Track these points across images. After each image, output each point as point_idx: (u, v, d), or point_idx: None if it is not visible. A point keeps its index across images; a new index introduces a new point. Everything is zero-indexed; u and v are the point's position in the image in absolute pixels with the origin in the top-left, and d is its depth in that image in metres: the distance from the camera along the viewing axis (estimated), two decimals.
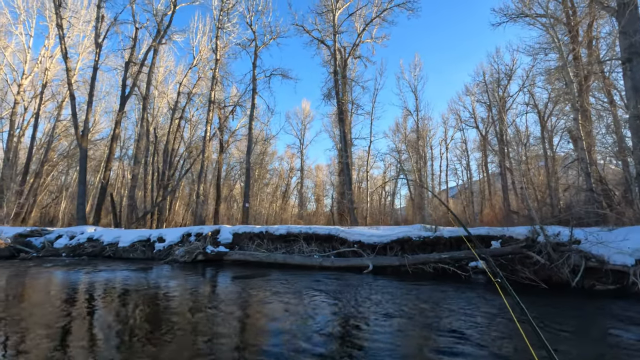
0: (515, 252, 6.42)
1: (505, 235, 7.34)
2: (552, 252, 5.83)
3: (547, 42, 16.05)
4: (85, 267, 8.86)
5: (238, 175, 30.85)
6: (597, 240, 5.62)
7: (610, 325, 3.60)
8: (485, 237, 7.61)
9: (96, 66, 15.60)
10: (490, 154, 27.33)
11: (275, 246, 10.22)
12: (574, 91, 9.49)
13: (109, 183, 16.09)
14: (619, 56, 9.10)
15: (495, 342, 3.08)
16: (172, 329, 3.49)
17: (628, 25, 7.89)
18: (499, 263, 6.67)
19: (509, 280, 6.28)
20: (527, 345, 1.67)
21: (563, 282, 5.70)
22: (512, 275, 6.28)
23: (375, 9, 17.53)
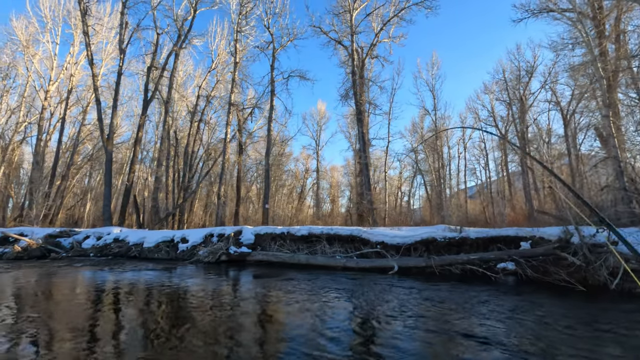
0: (548, 253, 6.25)
1: (536, 236, 7.14)
2: (589, 253, 5.65)
3: (571, 38, 15.61)
4: (113, 267, 9.09)
5: (254, 177, 31.18)
6: (637, 241, 5.41)
7: None
8: (515, 238, 7.44)
9: (120, 71, 16.05)
10: (511, 153, 26.75)
11: (297, 247, 10.25)
12: (603, 87, 9.18)
13: (133, 185, 16.49)
14: None
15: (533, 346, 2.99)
16: (197, 328, 3.53)
17: None
18: (530, 264, 6.51)
19: (542, 282, 6.12)
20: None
21: (600, 284, 5.51)
22: (545, 277, 6.11)
23: (392, 8, 17.41)
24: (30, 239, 12.41)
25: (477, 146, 31.05)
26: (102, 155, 25.15)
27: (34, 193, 19.24)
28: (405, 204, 34.15)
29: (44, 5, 20.98)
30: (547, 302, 4.74)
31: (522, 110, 23.17)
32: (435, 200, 26.91)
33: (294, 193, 34.53)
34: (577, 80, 20.29)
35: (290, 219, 27.74)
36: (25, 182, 27.06)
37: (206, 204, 26.46)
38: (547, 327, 3.54)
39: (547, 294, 5.33)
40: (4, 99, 22.08)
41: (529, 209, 20.92)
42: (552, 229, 7.11)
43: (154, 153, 26.95)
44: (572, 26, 15.81)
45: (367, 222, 15.47)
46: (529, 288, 5.79)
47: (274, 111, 17.34)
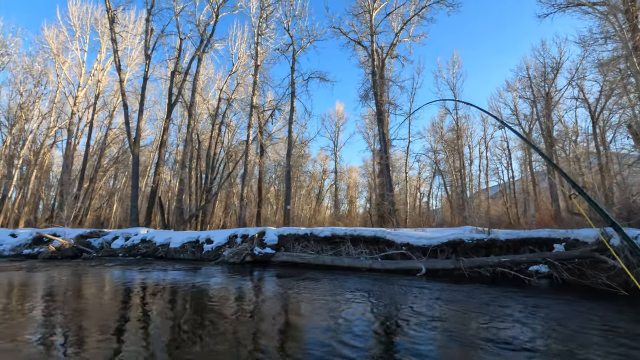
0: (585, 255, 6.04)
1: (570, 238, 6.91)
2: (630, 256, 5.42)
3: (602, 32, 15.03)
4: (143, 267, 9.33)
5: (272, 178, 31.43)
6: None
7: None
8: (547, 240, 7.21)
9: (146, 76, 16.52)
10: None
11: (320, 248, 10.26)
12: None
13: (158, 187, 16.92)
14: None
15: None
16: (221, 329, 3.57)
17: None
18: (566, 268, 6.30)
19: (579, 285, 5.91)
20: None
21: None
22: (582, 280, 5.90)
23: (413, 7, 17.24)
24: (64, 239, 12.90)
25: (499, 145, 30.32)
26: (126, 158, 25.99)
27: (64, 195, 20.01)
28: (424, 204, 33.69)
29: (73, 14, 21.87)
30: (586, 307, 4.57)
31: (547, 108, 22.47)
32: (455, 201, 26.43)
33: (312, 194, 34.63)
34: (606, 76, 19.57)
35: (309, 220, 27.85)
36: (54, 184, 28.22)
37: (225, 205, 26.87)
38: (587, 332, 3.41)
39: (586, 297, 5.15)
40: (36, 105, 23.09)
41: (555, 209, 20.28)
42: (588, 230, 6.85)
43: (176, 156, 27.61)
44: (602, 20, 15.26)
45: (388, 223, 15.34)
46: (566, 292, 5.59)
47: (294, 113, 17.47)
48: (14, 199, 23.14)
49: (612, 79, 18.82)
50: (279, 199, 30.29)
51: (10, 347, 2.98)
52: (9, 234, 14.47)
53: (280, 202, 30.04)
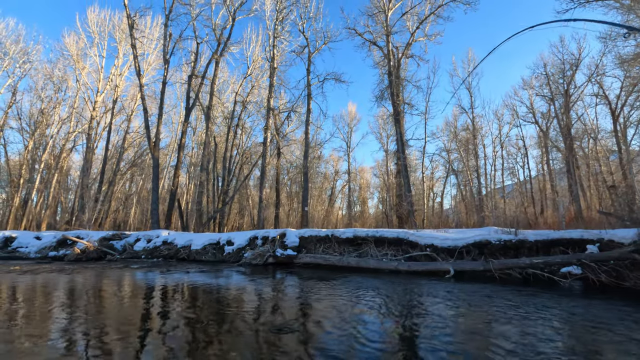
0: (624, 257, 5.89)
1: (604, 239, 6.75)
2: None
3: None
4: (168, 269, 9.47)
5: (285, 179, 31.55)
6: None
7: None
8: (579, 241, 7.06)
9: (165, 81, 16.77)
10: (552, 150, 25.54)
11: (342, 249, 10.24)
12: None
13: (177, 189, 17.14)
14: None
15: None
16: (248, 331, 3.59)
17: None
18: (602, 269, 6.16)
19: (620, 287, 5.77)
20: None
21: None
22: (622, 283, 5.77)
23: (429, 5, 17.12)
24: (88, 242, 13.15)
25: (515, 144, 29.85)
26: (143, 161, 26.41)
27: (85, 198, 20.44)
28: (437, 205, 33.36)
29: (92, 22, 22.38)
30: (629, 309, 4.46)
31: (566, 105, 22.03)
32: (470, 201, 26.11)
33: (324, 195, 34.64)
34: (628, 72, 19.12)
35: (322, 221, 27.86)
36: (72, 187, 28.85)
37: (240, 207, 27.07)
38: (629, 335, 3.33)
39: (628, 300, 5.02)
40: (56, 111, 23.67)
41: (577, 209, 19.85)
42: (623, 231, 6.69)
43: (191, 158, 27.95)
44: (624, 14, 14.94)
45: (406, 224, 15.24)
46: (605, 294, 5.46)
47: (310, 114, 17.53)
48: (36, 202, 23.73)
49: (635, 75, 18.39)
50: (292, 201, 30.38)
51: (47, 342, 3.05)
52: (33, 236, 14.84)
53: (293, 203, 30.12)
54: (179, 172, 16.83)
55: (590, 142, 23.85)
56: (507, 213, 24.77)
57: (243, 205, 26.66)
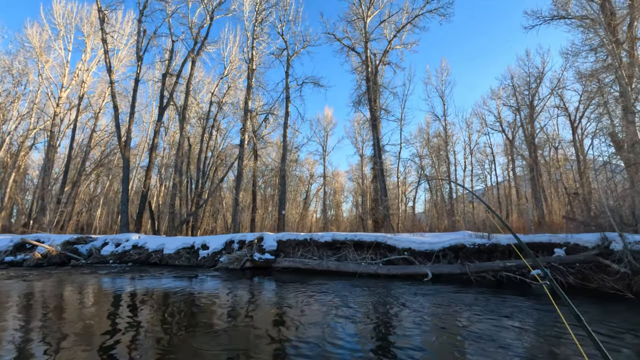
0: (589, 260, 6.27)
1: (570, 243, 7.15)
2: (633, 260, 5.67)
3: (584, 44, 15.74)
4: (139, 274, 9.05)
5: (260, 183, 31.14)
6: None
7: None
8: (548, 245, 7.45)
9: (137, 78, 16.11)
10: (518, 158, 26.86)
11: (320, 253, 10.22)
12: (628, 93, 9.25)
13: (148, 191, 16.47)
14: None
15: None
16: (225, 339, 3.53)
17: None
18: (570, 272, 6.52)
19: (586, 289, 6.13)
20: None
21: None
22: (587, 284, 6.13)
23: (406, 15, 17.59)
24: (49, 246, 12.35)
25: (483, 152, 31.15)
26: (110, 161, 25.22)
27: (45, 199, 19.21)
28: (410, 209, 34.12)
29: (57, 13, 21.15)
30: (592, 309, 4.75)
31: (530, 116, 23.29)
32: (441, 206, 26.91)
33: (299, 198, 34.57)
34: (585, 87, 20.49)
35: (297, 225, 27.77)
36: (30, 188, 27.05)
37: (213, 210, 26.41)
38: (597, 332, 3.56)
39: (593, 301, 5.34)
40: (14, 106, 22.13)
41: (540, 214, 20.95)
42: (587, 235, 7.12)
43: (163, 159, 27.02)
44: (584, 33, 16.03)
45: (382, 228, 15.45)
46: (574, 295, 5.79)
47: (289, 117, 17.43)
48: None
49: (591, 90, 19.70)
50: (266, 204, 30.06)
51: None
52: None
53: (268, 207, 29.81)
54: (151, 174, 16.19)
55: (551, 151, 25.30)
56: (477, 218, 25.81)
57: (216, 208, 26.03)
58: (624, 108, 10.08)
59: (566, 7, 15.49)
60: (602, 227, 6.81)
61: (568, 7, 15.28)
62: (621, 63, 9.59)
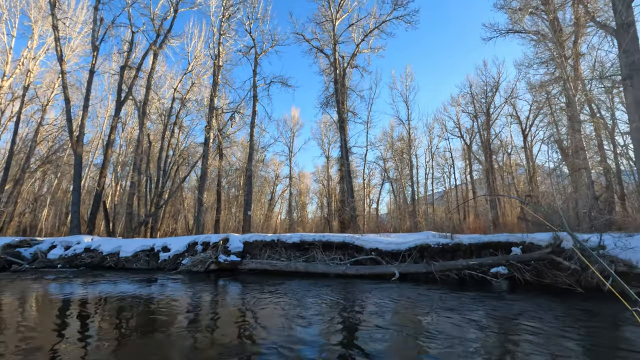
0: (543, 257, 6.70)
1: (526, 242, 7.61)
2: (582, 257, 6.12)
3: (536, 57, 16.96)
4: (90, 278, 8.42)
5: (224, 183, 30.34)
6: (624, 245, 5.96)
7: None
8: (506, 244, 7.88)
9: (92, 70, 14.99)
10: (475, 162, 28.34)
11: (288, 254, 10.10)
12: (574, 104, 10.06)
13: (103, 191, 15.39)
14: (616, 72, 9.79)
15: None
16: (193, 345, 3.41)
17: (629, 44, 8.51)
18: (527, 269, 6.93)
19: (541, 284, 6.54)
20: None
21: (593, 286, 5.98)
22: (542, 280, 6.55)
23: (373, 20, 17.95)
24: None
25: (443, 156, 32.55)
26: (59, 158, 23.39)
27: None
28: (374, 210, 34.86)
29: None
30: (547, 303, 5.08)
31: (487, 123, 24.66)
32: (404, 207, 27.76)
33: (264, 199, 34.17)
34: (535, 97, 22.06)
35: (262, 226, 27.39)
36: None
37: (174, 211, 25.31)
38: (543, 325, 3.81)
39: (546, 295, 5.71)
40: None
41: (494, 215, 22.20)
42: (541, 234, 7.61)
43: (119, 157, 25.50)
44: (536, 47, 17.27)
45: (348, 229, 15.61)
46: (530, 290, 6.16)
47: (256, 116, 17.11)
48: None
49: (540, 100, 21.22)
50: (230, 205, 29.35)
51: None
52: None
53: (232, 208, 29.11)
54: (106, 172, 15.14)
55: (505, 157, 26.94)
56: (437, 219, 26.89)
57: (177, 209, 24.98)
58: (570, 117, 10.98)
59: (521, 22, 16.54)
60: (553, 227, 7.30)
61: (522, 23, 16.33)
62: (568, 76, 10.38)
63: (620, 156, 11.96)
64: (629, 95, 8.57)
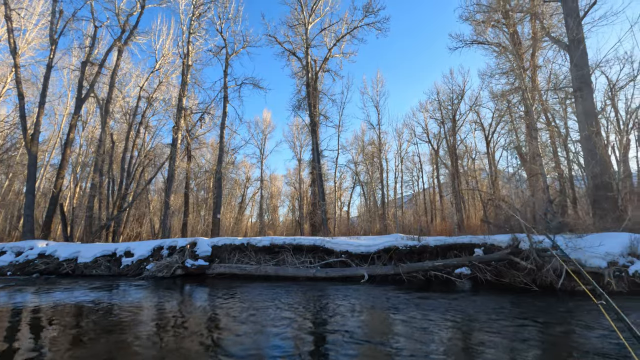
0: (503, 258, 7.04)
1: (487, 243, 7.98)
2: (538, 257, 6.50)
3: (498, 67, 17.86)
4: (45, 286, 7.90)
5: (193, 185, 29.48)
6: (575, 246, 6.39)
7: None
8: (469, 245, 8.22)
9: (50, 64, 14.08)
10: (441, 167, 29.35)
11: (258, 258, 9.98)
12: (531, 113, 10.69)
13: (60, 193, 14.48)
14: (568, 84, 10.53)
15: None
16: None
17: (579, 58, 9.19)
18: (488, 269, 7.26)
19: (501, 284, 6.87)
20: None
21: (547, 284, 6.37)
22: (502, 280, 6.88)
23: (345, 25, 18.21)
24: None
25: (412, 160, 33.47)
26: (10, 157, 21.80)
27: None
28: (345, 213, 35.19)
29: None
30: (502, 301, 5.36)
31: (453, 129, 25.63)
32: (374, 210, 28.25)
33: (234, 202, 33.59)
34: (497, 105, 23.20)
35: (232, 229, 26.89)
36: None
37: (139, 214, 24.25)
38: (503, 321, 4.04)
39: (504, 294, 6.01)
40: None
41: (459, 218, 23.06)
42: (502, 236, 8.01)
43: (79, 157, 24.15)
44: (497, 58, 18.21)
45: (319, 232, 15.65)
46: (489, 290, 6.46)
47: (226, 118, 16.79)
48: None
49: (501, 108, 22.34)
50: (199, 208, 28.57)
51: None
52: None
53: (200, 211, 28.36)
54: (64, 172, 14.23)
55: (469, 162, 28.11)
56: (406, 221, 27.56)
57: (143, 212, 23.96)
58: (528, 125, 11.67)
59: (484, 34, 17.39)
60: (513, 229, 7.71)
61: (485, 34, 17.18)
62: (526, 86, 11.03)
63: (573, 162, 12.83)
64: (579, 106, 9.25)
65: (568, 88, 10.46)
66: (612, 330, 3.70)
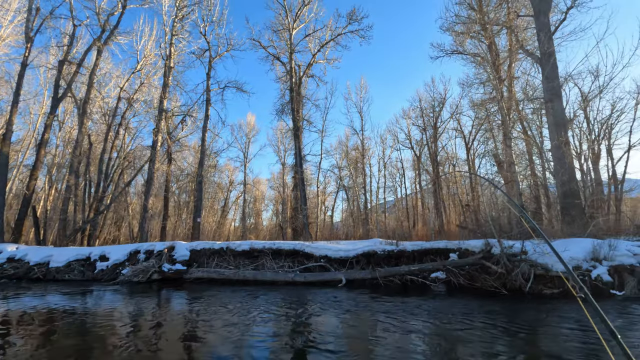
0: (475, 263, 7.25)
1: (462, 248, 8.19)
2: (508, 262, 6.73)
3: (476, 77, 18.40)
4: (17, 292, 7.64)
5: (174, 188, 29.02)
6: (542, 251, 6.65)
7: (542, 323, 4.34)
8: (445, 250, 8.41)
9: (25, 62, 13.67)
10: (423, 172, 29.88)
11: (237, 262, 9.92)
12: (506, 122, 11.09)
13: (33, 194, 14.01)
14: (541, 95, 10.97)
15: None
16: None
17: (550, 71, 9.61)
18: (461, 273, 7.45)
19: (473, 288, 7.06)
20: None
21: (516, 288, 6.59)
22: (474, 284, 7.07)
23: (329, 32, 18.43)
24: None
25: (395, 166, 33.94)
26: None
27: None
28: (328, 218, 35.27)
29: None
30: (471, 305, 5.53)
31: (434, 136, 26.19)
32: (357, 215, 28.47)
33: (216, 206, 33.20)
34: (477, 114, 23.87)
35: (214, 233, 26.55)
36: None
37: (117, 218, 23.66)
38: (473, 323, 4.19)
39: (475, 298, 6.19)
40: None
41: (440, 223, 23.51)
42: (475, 241, 8.23)
43: (55, 158, 23.43)
44: (476, 68, 18.76)
45: (301, 236, 15.67)
46: (462, 294, 6.63)
47: (209, 121, 16.66)
48: None
49: (481, 117, 23.00)
50: (180, 211, 28.12)
51: None
52: None
53: (181, 214, 27.91)
54: (37, 174, 13.78)
55: (450, 168, 28.72)
56: (388, 226, 27.86)
57: (120, 215, 23.38)
58: (504, 134, 12.09)
59: (463, 45, 17.92)
60: (486, 234, 7.95)
61: (464, 45, 17.71)
62: (502, 97, 11.43)
63: (547, 170, 13.34)
64: (550, 116, 9.65)
65: (541, 99, 10.89)
66: (577, 329, 3.89)
